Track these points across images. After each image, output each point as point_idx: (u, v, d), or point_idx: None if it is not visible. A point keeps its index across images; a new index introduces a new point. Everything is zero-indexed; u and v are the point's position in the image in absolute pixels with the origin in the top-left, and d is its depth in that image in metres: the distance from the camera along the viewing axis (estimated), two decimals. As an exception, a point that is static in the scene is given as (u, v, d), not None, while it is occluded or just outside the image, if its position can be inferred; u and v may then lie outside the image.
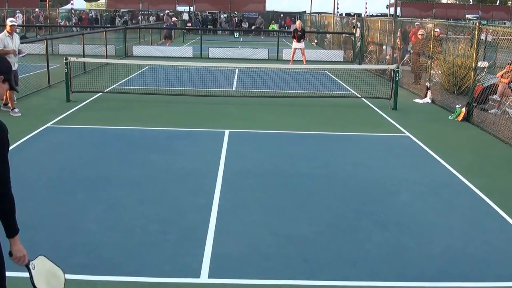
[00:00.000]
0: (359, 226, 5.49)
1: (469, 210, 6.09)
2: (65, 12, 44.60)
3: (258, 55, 23.21)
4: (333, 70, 17.84)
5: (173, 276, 4.35)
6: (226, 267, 4.53)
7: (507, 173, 7.60)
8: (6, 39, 10.38)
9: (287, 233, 5.26)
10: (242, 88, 14.27)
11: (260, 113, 11.18)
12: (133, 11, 46.22)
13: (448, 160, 7.92)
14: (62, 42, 23.18)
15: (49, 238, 4.96)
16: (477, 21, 12.13)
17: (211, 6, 46.85)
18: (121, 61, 16.54)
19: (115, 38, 23.32)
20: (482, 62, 12.84)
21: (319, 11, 39.76)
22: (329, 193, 6.48)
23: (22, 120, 10.05)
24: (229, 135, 9.10)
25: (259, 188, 6.59)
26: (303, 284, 4.31)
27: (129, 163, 7.21)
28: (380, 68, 17.13)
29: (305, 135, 9.45)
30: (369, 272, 4.52)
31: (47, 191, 6.30)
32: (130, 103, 11.80)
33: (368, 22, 22.61)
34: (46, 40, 15.19)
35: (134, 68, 16.41)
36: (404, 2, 45.34)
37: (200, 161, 7.61)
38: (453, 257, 4.85)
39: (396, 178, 7.11)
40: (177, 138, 8.97)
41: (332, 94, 13.43)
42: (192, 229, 5.28)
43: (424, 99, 13.32)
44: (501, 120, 10.56)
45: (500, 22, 44.66)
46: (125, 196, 6.12)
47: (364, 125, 10.33)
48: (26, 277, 4.25)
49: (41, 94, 12.95)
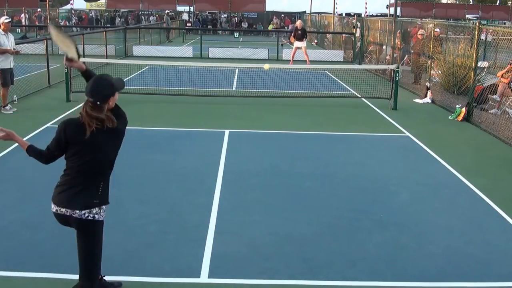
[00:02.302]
0: (359, 226, 5.49)
1: (469, 210, 6.09)
2: (65, 12, 44.59)
3: (258, 55, 23.21)
4: (333, 70, 17.83)
5: (173, 276, 4.35)
6: (226, 267, 4.53)
7: (507, 173, 7.60)
8: (2, 38, 10.36)
9: (287, 233, 5.26)
10: (242, 88, 14.27)
11: (260, 113, 11.19)
12: (133, 11, 46.21)
13: (448, 160, 7.92)
14: (62, 42, 23.13)
15: (49, 238, 4.96)
16: (477, 21, 12.13)
17: (211, 6, 46.80)
18: (121, 61, 16.53)
19: (115, 38, 23.31)
20: (482, 62, 12.83)
21: (319, 11, 39.74)
22: (329, 193, 6.48)
23: (22, 120, 10.05)
24: (229, 135, 9.10)
25: (259, 188, 6.59)
26: (303, 284, 4.31)
27: (129, 163, 7.20)
28: (380, 68, 17.13)
29: (305, 135, 9.45)
30: (369, 272, 4.52)
31: (47, 191, 6.24)
32: (130, 103, 11.77)
33: (368, 22, 22.61)
34: (46, 40, 15.20)
35: (134, 68, 16.40)
36: (404, 2, 45.32)
37: (200, 161, 7.61)
38: (453, 257, 4.86)
39: (396, 178, 7.11)
40: (177, 138, 8.97)
41: (332, 94, 13.43)
42: (192, 229, 5.28)
43: (424, 99, 13.32)
44: (501, 120, 10.56)
45: (500, 22, 44.63)
46: (125, 196, 6.12)
47: (364, 125, 10.33)
48: (26, 277, 4.26)
49: (41, 94, 12.96)
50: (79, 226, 3.51)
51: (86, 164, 3.42)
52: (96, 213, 3.48)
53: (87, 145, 3.39)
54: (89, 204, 3.44)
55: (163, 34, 32.97)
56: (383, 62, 19.20)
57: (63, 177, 3.51)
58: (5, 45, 10.35)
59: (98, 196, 3.49)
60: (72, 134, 3.42)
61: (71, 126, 3.45)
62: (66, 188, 3.46)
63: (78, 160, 3.42)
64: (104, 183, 3.53)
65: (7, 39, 10.48)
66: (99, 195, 3.49)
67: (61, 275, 4.26)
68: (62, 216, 3.51)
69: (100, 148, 3.41)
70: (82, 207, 3.43)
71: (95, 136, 3.36)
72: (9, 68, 10.60)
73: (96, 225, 3.53)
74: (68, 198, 3.44)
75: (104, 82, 3.49)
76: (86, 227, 3.50)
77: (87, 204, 3.44)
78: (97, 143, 3.39)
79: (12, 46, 10.64)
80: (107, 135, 3.41)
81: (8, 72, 10.56)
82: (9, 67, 10.57)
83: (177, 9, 45.58)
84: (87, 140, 3.36)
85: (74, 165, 3.44)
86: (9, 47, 10.44)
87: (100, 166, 3.47)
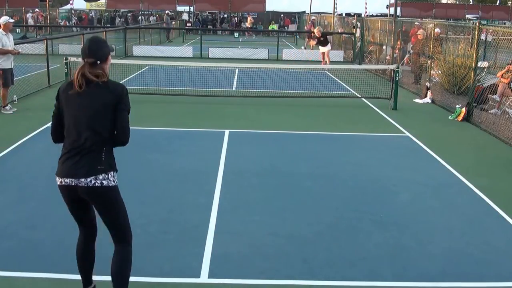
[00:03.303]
0: (359, 226, 5.49)
1: (469, 210, 6.09)
2: (65, 12, 44.59)
3: (258, 55, 23.22)
4: (333, 70, 17.84)
5: (173, 276, 4.35)
6: (226, 267, 4.53)
7: (507, 173, 7.60)
8: (3, 38, 10.36)
9: (287, 233, 5.26)
10: (242, 88, 14.27)
11: (260, 113, 11.19)
12: (133, 11, 46.22)
13: (448, 160, 7.92)
14: (62, 42, 23.18)
15: (49, 238, 4.96)
16: (477, 21, 12.13)
17: (211, 6, 46.79)
18: (121, 61, 16.52)
19: (115, 38, 23.32)
20: (482, 62, 12.83)
21: (319, 11, 39.72)
22: (329, 193, 6.48)
23: (22, 120, 10.05)
24: (229, 135, 9.11)
25: (259, 188, 6.59)
26: (303, 284, 4.31)
27: (129, 163, 7.20)
28: (380, 68, 17.13)
29: (305, 135, 9.45)
30: (369, 272, 4.52)
31: (47, 191, 6.29)
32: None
33: (368, 22, 22.61)
34: (46, 40, 15.20)
35: (134, 68, 16.41)
36: (404, 2, 45.30)
37: (200, 161, 7.61)
38: (453, 257, 4.85)
39: (396, 178, 7.12)
40: (177, 138, 8.97)
41: (332, 94, 13.43)
42: (192, 229, 5.28)
43: (424, 99, 13.32)
44: (501, 120, 10.56)
45: (500, 22, 44.63)
46: (125, 196, 6.05)
47: (364, 125, 10.33)
48: (26, 277, 4.26)
49: (41, 94, 12.96)
50: (89, 196, 3.42)
51: (67, 124, 3.40)
52: (104, 179, 3.39)
53: (69, 101, 3.39)
54: (92, 171, 3.35)
55: (163, 34, 33.00)
56: (383, 62, 19.20)
57: (62, 150, 3.48)
58: (6, 46, 10.36)
59: (102, 162, 3.39)
60: (61, 92, 3.46)
61: (61, 87, 3.51)
62: (68, 158, 3.39)
63: (65, 121, 3.43)
64: (106, 150, 3.43)
65: (8, 40, 10.49)
66: (102, 161, 3.39)
67: (61, 275, 4.26)
68: (67, 188, 3.42)
69: (81, 106, 3.36)
70: (85, 173, 3.35)
71: (78, 95, 3.37)
72: (10, 68, 10.61)
73: (109, 191, 3.44)
74: (70, 167, 3.37)
75: (100, 41, 3.54)
76: (97, 196, 3.42)
77: (89, 171, 3.35)
78: (78, 102, 3.37)
79: (12, 46, 10.65)
80: (91, 96, 3.38)
81: (9, 72, 10.57)
82: (9, 67, 10.59)
83: (177, 9, 45.57)
84: (71, 98, 3.38)
85: (64, 131, 3.45)
86: (10, 48, 10.46)
87: (81, 126, 3.36)
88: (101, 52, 3.45)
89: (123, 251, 3.59)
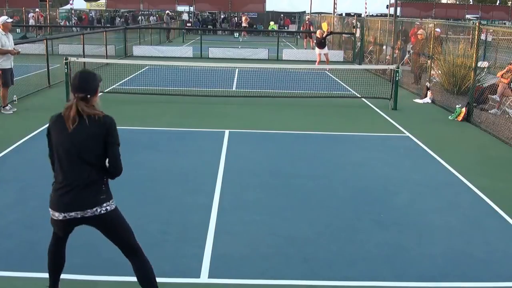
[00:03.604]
0: (359, 226, 5.49)
1: (469, 210, 6.09)
2: (65, 12, 44.58)
3: (258, 55, 23.21)
4: (333, 70, 17.84)
5: (173, 276, 4.36)
6: (226, 267, 4.53)
7: (507, 173, 7.60)
8: (3, 38, 10.35)
9: (287, 233, 5.25)
10: (242, 88, 14.27)
11: (260, 113, 11.19)
12: (133, 11, 46.22)
13: (448, 160, 7.92)
14: (62, 42, 23.17)
15: (49, 238, 4.94)
16: (477, 21, 12.13)
17: (211, 6, 46.78)
18: (121, 61, 16.54)
19: (115, 38, 23.32)
20: (482, 62, 12.83)
21: (318, 11, 39.72)
22: (329, 193, 6.48)
23: (22, 120, 10.05)
24: (229, 135, 9.10)
25: (259, 188, 6.59)
26: (303, 284, 4.31)
27: (129, 163, 7.16)
28: (380, 68, 17.13)
29: (305, 135, 9.45)
30: (369, 272, 4.52)
31: (47, 191, 6.26)
32: (130, 103, 11.80)
33: (368, 22, 22.61)
34: (46, 40, 15.20)
35: (134, 68, 16.41)
36: (404, 2, 45.29)
37: (200, 161, 7.61)
38: (453, 257, 4.86)
39: (396, 178, 7.12)
40: (177, 138, 8.97)
41: (332, 94, 13.43)
42: (192, 229, 5.28)
43: (424, 99, 13.32)
44: (501, 120, 10.56)
45: (500, 22, 44.63)
46: (125, 196, 6.11)
47: (364, 125, 10.33)
48: (26, 277, 4.26)
49: (41, 94, 12.96)
50: (97, 223, 3.54)
51: (59, 158, 3.44)
52: (107, 205, 3.52)
53: (60, 136, 3.43)
54: (97, 201, 3.47)
55: (163, 34, 32.98)
56: (383, 62, 19.20)
57: (54, 184, 3.55)
58: (6, 46, 10.35)
59: (103, 192, 3.52)
60: (52, 129, 3.50)
61: (51, 124, 3.52)
62: (66, 191, 3.45)
63: (55, 154, 3.47)
64: (106, 180, 3.56)
65: (7, 40, 10.48)
66: (103, 191, 3.52)
67: (61, 275, 4.25)
68: (71, 221, 3.51)
69: (73, 139, 3.40)
70: (90, 204, 3.45)
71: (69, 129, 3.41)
72: (10, 68, 10.61)
73: (113, 215, 3.56)
74: (73, 200, 3.45)
75: (90, 75, 3.55)
76: (104, 222, 3.53)
77: (93, 202, 3.46)
78: (69, 136, 3.40)
79: (12, 46, 10.65)
80: (81, 129, 3.41)
81: (8, 72, 10.57)
82: (9, 67, 10.59)
83: (177, 9, 45.56)
84: (62, 132, 3.41)
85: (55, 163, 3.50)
86: (10, 48, 10.45)
87: (73, 159, 3.41)
88: (91, 86, 3.49)
89: (137, 261, 3.73)
